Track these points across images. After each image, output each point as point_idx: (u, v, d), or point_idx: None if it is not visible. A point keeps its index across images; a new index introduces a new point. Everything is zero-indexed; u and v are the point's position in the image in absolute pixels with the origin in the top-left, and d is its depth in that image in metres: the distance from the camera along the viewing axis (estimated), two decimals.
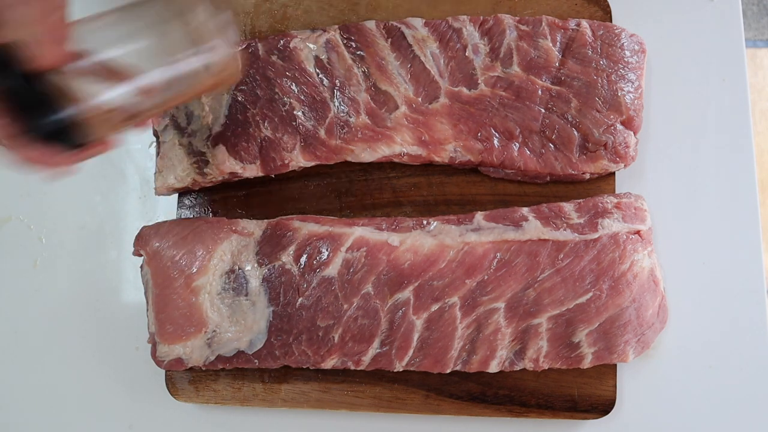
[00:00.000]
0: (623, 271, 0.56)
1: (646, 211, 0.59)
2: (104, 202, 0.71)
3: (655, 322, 0.58)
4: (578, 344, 0.56)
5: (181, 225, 0.62)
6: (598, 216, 0.58)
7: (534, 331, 0.57)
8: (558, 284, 0.57)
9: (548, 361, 0.57)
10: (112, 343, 0.68)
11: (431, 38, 0.63)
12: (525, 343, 0.57)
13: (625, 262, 0.56)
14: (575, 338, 0.56)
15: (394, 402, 0.61)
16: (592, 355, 0.56)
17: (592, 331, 0.56)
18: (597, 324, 0.56)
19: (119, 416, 0.67)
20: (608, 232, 0.57)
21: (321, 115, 0.62)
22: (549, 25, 0.62)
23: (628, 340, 0.56)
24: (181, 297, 0.60)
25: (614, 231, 0.57)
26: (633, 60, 0.61)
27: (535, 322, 0.57)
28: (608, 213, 0.58)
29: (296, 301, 0.59)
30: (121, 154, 0.71)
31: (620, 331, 0.56)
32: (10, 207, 0.71)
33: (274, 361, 0.60)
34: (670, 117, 0.59)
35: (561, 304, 0.57)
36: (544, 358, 0.57)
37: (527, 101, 0.61)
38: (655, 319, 0.58)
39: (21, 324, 0.69)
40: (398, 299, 0.58)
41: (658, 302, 0.58)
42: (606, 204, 0.58)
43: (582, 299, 0.57)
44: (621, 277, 0.56)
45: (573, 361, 0.57)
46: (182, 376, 0.64)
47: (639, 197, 0.59)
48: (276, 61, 0.63)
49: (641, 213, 0.58)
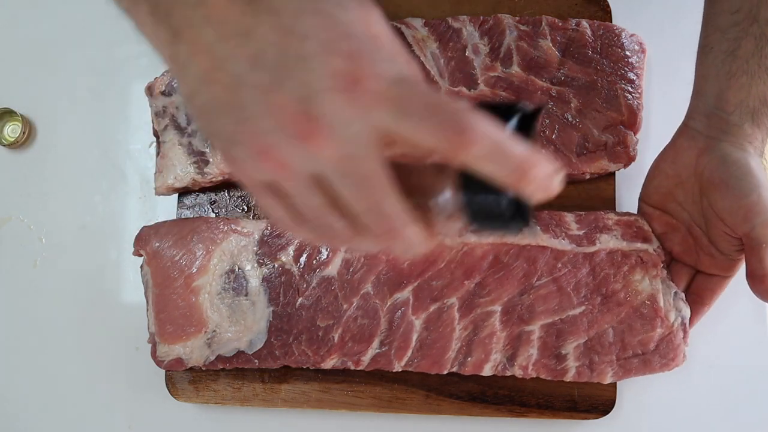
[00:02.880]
0: (615, 290, 0.56)
1: (649, 232, 0.57)
2: (104, 202, 0.71)
3: (653, 357, 0.55)
4: (565, 356, 0.56)
5: (181, 225, 0.62)
6: (597, 230, 0.57)
7: (526, 337, 0.57)
8: (553, 293, 0.57)
9: (536, 369, 0.56)
10: (112, 343, 0.68)
11: (431, 38, 0.63)
12: (517, 348, 0.57)
13: (619, 281, 0.56)
14: (564, 350, 0.56)
15: (394, 402, 0.61)
16: (575, 370, 0.56)
17: (580, 345, 0.56)
18: (585, 339, 0.56)
19: (119, 416, 0.67)
20: (605, 247, 0.57)
21: None
22: (549, 25, 0.62)
23: (610, 362, 0.56)
24: (181, 297, 0.60)
25: (612, 247, 0.57)
26: (633, 60, 0.61)
27: (528, 328, 0.57)
28: (608, 229, 0.57)
29: (296, 301, 0.59)
30: (121, 154, 0.71)
31: (603, 350, 0.56)
32: (10, 207, 0.71)
33: (274, 361, 0.60)
34: (670, 117, 0.59)
35: (554, 313, 0.57)
36: (533, 366, 0.56)
37: (527, 101, 0.61)
38: (652, 352, 0.55)
39: (21, 324, 0.69)
40: (398, 299, 0.58)
41: (659, 335, 0.55)
42: (606, 220, 0.58)
43: (575, 311, 0.56)
44: (613, 295, 0.56)
45: (558, 373, 0.56)
46: (182, 376, 0.64)
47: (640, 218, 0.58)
48: None
49: (643, 233, 0.57)
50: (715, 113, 0.51)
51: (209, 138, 0.33)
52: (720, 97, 0.51)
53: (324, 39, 0.29)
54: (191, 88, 0.31)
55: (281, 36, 0.29)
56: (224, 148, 0.32)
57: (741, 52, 0.49)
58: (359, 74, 0.29)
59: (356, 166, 0.30)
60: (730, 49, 0.50)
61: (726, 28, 0.50)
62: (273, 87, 0.29)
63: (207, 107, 0.31)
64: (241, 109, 0.30)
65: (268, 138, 0.30)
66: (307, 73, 0.29)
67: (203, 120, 0.32)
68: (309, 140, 0.29)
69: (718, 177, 0.50)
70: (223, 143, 0.32)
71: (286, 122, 0.29)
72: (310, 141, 0.29)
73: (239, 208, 0.66)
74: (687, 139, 0.53)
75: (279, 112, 0.29)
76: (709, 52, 0.51)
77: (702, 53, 0.53)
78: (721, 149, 0.51)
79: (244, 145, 0.30)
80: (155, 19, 0.31)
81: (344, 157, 0.29)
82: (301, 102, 0.29)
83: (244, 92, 0.29)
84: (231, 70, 0.29)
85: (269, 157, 0.30)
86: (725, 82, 0.50)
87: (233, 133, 0.31)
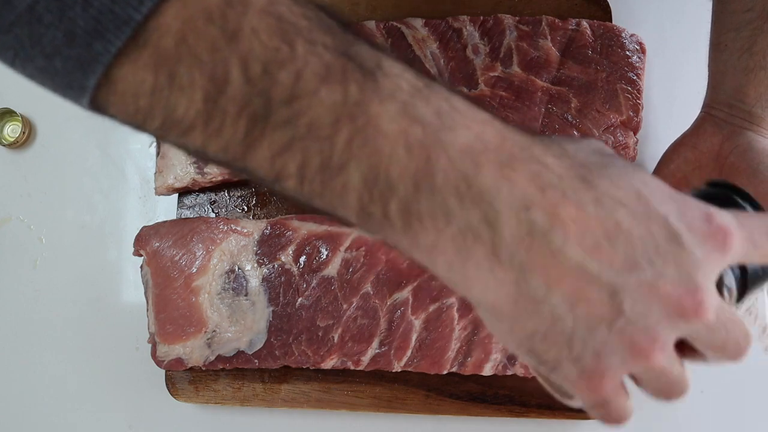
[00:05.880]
0: None
1: None
2: (104, 202, 0.71)
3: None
4: None
5: (181, 225, 0.62)
6: None
7: None
8: None
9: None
10: (112, 343, 0.68)
11: (431, 38, 0.63)
12: None
13: None
14: None
15: (394, 402, 0.61)
16: None
17: None
18: None
19: (119, 416, 0.67)
20: None
21: None
22: (549, 25, 0.62)
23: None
24: (181, 297, 0.60)
25: None
26: (633, 60, 0.61)
27: None
28: None
29: (296, 300, 0.59)
30: (121, 154, 0.71)
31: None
32: (10, 207, 0.71)
33: (274, 361, 0.60)
34: (670, 117, 0.59)
35: None
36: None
37: (527, 101, 0.61)
38: None
39: (20, 324, 0.69)
40: (397, 299, 0.58)
41: None
42: None
43: None
44: None
45: None
46: (182, 376, 0.64)
47: None
48: None
49: None
50: (735, 104, 0.52)
51: (556, 363, 0.29)
52: (739, 90, 0.51)
53: (676, 211, 0.28)
54: (551, 318, 0.28)
55: (643, 224, 0.27)
56: (591, 365, 0.29)
57: (757, 48, 0.50)
58: (726, 230, 0.28)
59: (725, 312, 0.29)
60: (745, 47, 0.50)
61: (740, 26, 0.50)
62: (656, 280, 0.27)
63: (569, 332, 0.28)
64: (619, 315, 0.27)
65: (653, 331, 0.28)
66: (680, 250, 0.27)
67: (554, 349, 0.29)
68: (697, 314, 0.28)
69: (744, 163, 0.51)
70: (590, 359, 0.28)
71: (673, 308, 0.28)
72: (699, 315, 0.28)
73: (239, 208, 0.67)
74: (711, 125, 0.53)
75: (666, 301, 0.27)
76: (723, 49, 0.52)
77: (716, 51, 0.53)
78: (747, 136, 0.51)
79: (622, 349, 0.28)
80: (495, 259, 0.27)
81: (718, 310, 0.29)
82: (683, 282, 0.27)
83: (624, 298, 0.27)
84: (605, 280, 0.27)
85: (653, 348, 0.28)
86: (743, 78, 0.51)
87: (608, 344, 0.28)
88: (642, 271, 0.27)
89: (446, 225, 0.27)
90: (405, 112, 0.26)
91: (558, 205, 0.27)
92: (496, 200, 0.26)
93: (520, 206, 0.27)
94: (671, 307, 0.27)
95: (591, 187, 0.27)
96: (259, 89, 0.25)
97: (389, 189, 0.26)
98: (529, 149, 0.27)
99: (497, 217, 0.26)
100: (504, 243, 0.27)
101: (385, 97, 0.26)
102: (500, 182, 0.26)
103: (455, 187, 0.26)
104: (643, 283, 0.27)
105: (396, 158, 0.26)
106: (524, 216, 0.27)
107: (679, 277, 0.27)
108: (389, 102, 0.26)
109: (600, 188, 0.27)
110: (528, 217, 0.27)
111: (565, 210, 0.27)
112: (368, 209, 0.27)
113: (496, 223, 0.26)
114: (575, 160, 0.28)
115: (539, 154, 0.28)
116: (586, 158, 0.28)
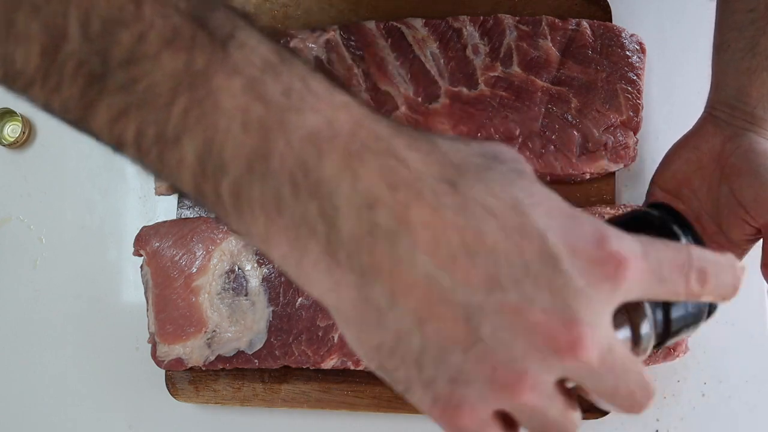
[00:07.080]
0: None
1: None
2: (104, 202, 0.71)
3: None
4: None
5: (181, 225, 0.62)
6: None
7: None
8: None
9: None
10: (112, 343, 0.68)
11: (431, 38, 0.63)
12: None
13: None
14: None
15: (394, 402, 0.61)
16: None
17: None
18: None
19: (119, 416, 0.67)
20: None
21: None
22: (549, 25, 0.62)
23: None
24: (181, 297, 0.60)
25: None
26: (633, 60, 0.61)
27: None
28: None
29: (296, 300, 0.59)
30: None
31: None
32: (10, 207, 0.71)
33: (274, 361, 0.60)
34: (670, 117, 0.59)
35: None
36: None
37: (527, 101, 0.61)
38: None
39: (20, 324, 0.69)
40: None
41: None
42: (603, 215, 0.58)
43: None
44: None
45: None
46: (182, 376, 0.64)
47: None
48: None
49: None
50: (737, 105, 0.52)
51: (407, 384, 0.26)
52: (741, 91, 0.51)
53: (560, 229, 0.25)
54: (396, 333, 0.25)
55: (512, 239, 0.24)
56: (445, 393, 0.26)
57: (760, 49, 0.50)
58: (620, 258, 0.25)
59: (616, 355, 0.26)
60: (748, 47, 0.50)
61: (743, 26, 0.50)
62: (522, 305, 0.24)
63: (417, 351, 0.25)
64: (477, 341, 0.25)
65: (519, 364, 0.25)
66: (556, 274, 0.24)
67: (403, 368, 0.26)
68: (573, 353, 0.24)
69: (746, 165, 0.50)
70: (444, 386, 0.25)
71: (543, 340, 0.24)
72: (575, 354, 0.24)
73: None
74: (713, 126, 0.53)
75: (534, 331, 0.24)
76: (726, 49, 0.52)
77: (718, 50, 0.53)
78: (749, 138, 0.51)
79: (481, 380, 0.25)
80: (332, 259, 0.25)
81: (605, 351, 0.25)
82: (557, 312, 0.24)
83: (481, 321, 0.24)
84: (460, 299, 0.24)
85: (520, 384, 0.25)
86: (746, 78, 0.51)
87: (463, 372, 0.25)
88: (505, 292, 0.24)
89: (278, 215, 0.24)
90: (250, 87, 0.24)
91: (409, 206, 0.24)
92: (335, 194, 0.24)
93: (362, 203, 0.24)
94: (541, 340, 0.24)
95: (456, 192, 0.24)
96: (97, 48, 0.23)
97: (221, 168, 0.24)
98: (386, 141, 0.25)
99: (336, 213, 0.24)
100: (341, 242, 0.24)
101: (231, 70, 0.24)
102: (343, 174, 0.24)
103: (291, 174, 0.24)
104: (505, 306, 0.24)
105: (231, 135, 0.24)
106: (366, 215, 0.24)
107: (552, 305, 0.24)
108: (235, 76, 0.24)
109: (469, 194, 0.24)
110: (370, 216, 0.24)
111: (417, 213, 0.24)
112: (201, 188, 0.25)
113: (334, 219, 0.24)
114: (446, 160, 0.25)
115: (399, 147, 0.25)
116: (463, 159, 0.26)
